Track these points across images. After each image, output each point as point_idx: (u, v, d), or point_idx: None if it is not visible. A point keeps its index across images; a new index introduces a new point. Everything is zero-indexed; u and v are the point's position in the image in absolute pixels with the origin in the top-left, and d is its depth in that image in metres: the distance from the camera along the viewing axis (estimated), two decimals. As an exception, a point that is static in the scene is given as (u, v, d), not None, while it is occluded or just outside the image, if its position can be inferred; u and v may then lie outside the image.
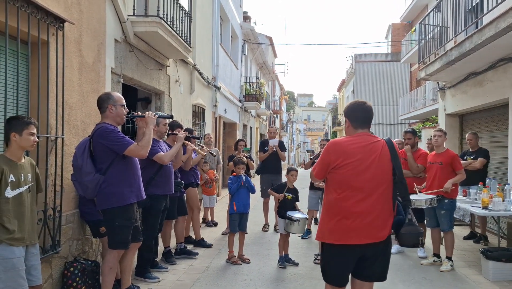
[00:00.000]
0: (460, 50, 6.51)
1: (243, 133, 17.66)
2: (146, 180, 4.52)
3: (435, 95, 15.20)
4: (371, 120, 2.96)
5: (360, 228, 2.70)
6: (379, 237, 2.73)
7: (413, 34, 18.08)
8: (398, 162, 2.80)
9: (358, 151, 2.77)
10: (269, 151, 7.60)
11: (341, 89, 38.53)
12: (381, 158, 2.77)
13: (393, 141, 2.90)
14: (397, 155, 2.82)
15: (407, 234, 2.76)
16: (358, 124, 2.91)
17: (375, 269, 2.81)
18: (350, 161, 2.75)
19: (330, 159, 2.82)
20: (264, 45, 20.98)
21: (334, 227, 2.77)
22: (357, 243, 2.71)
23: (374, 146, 2.80)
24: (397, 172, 2.79)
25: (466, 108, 8.30)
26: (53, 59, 3.73)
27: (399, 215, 2.82)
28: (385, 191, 2.77)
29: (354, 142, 2.82)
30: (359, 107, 2.93)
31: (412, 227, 2.77)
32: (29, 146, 2.95)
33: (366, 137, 2.85)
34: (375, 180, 2.74)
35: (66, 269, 3.89)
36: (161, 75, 6.80)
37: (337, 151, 2.81)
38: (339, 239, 2.75)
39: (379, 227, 2.73)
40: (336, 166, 2.79)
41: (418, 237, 2.76)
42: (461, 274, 5.13)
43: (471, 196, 6.23)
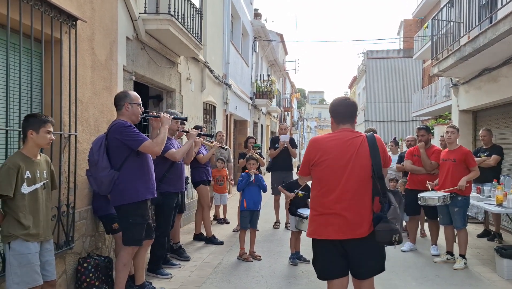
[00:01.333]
0: (474, 46, 6.42)
1: (254, 130, 17.66)
2: (158, 177, 4.54)
3: (448, 92, 15.02)
4: (354, 115, 2.96)
5: (337, 224, 2.73)
6: (358, 234, 2.72)
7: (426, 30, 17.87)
8: (377, 158, 2.76)
9: (336, 147, 2.79)
10: (280, 147, 7.58)
11: (352, 86, 38.32)
12: (359, 153, 2.76)
13: (375, 136, 2.86)
14: (377, 151, 2.78)
15: (380, 231, 2.69)
16: (339, 120, 2.93)
17: (365, 265, 2.79)
18: (328, 157, 2.78)
19: (309, 156, 2.88)
20: (275, 42, 20.93)
21: (316, 223, 2.83)
22: (335, 238, 2.74)
23: (353, 142, 2.79)
24: (374, 169, 2.75)
25: (480, 104, 8.18)
26: (66, 57, 3.77)
27: (381, 212, 2.75)
28: (362, 187, 2.76)
29: (333, 138, 2.85)
30: (340, 103, 2.97)
31: (387, 224, 2.68)
32: (45, 143, 2.99)
33: (347, 133, 2.85)
34: (352, 176, 2.74)
35: (79, 265, 3.93)
36: (172, 72, 6.83)
37: (316, 148, 2.86)
38: (320, 234, 2.80)
39: (357, 223, 2.72)
40: (315, 162, 2.84)
41: (392, 235, 2.67)
42: (475, 272, 5.08)
43: (485, 194, 6.14)
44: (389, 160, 2.98)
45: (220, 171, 7.61)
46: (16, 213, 2.82)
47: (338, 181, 2.75)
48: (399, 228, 2.69)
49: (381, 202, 2.76)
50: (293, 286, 4.55)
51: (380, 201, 2.77)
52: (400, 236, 2.69)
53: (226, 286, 4.47)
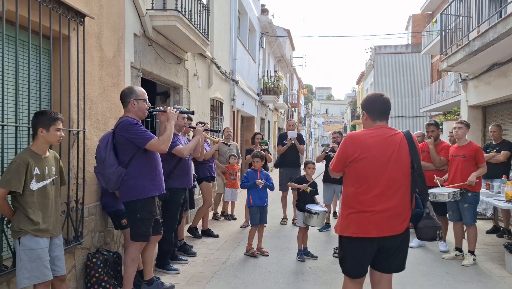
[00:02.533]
0: (483, 40, 6.34)
1: (261, 127, 17.64)
2: (166, 173, 4.55)
3: (457, 87, 14.88)
4: (389, 112, 2.92)
5: (378, 221, 2.70)
6: (397, 230, 2.72)
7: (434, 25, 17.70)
8: (416, 155, 2.77)
9: (376, 144, 2.75)
10: (288, 143, 7.57)
11: (360, 82, 38.11)
12: (399, 151, 2.74)
13: (412, 134, 2.86)
14: (415, 148, 2.79)
15: (425, 227, 2.74)
16: (376, 117, 2.88)
17: (393, 261, 2.81)
18: (368, 154, 2.74)
19: (347, 152, 2.81)
20: (282, 38, 20.86)
21: (352, 220, 2.78)
22: (375, 236, 2.71)
23: (393, 139, 2.77)
24: (415, 166, 2.75)
25: (490, 99, 8.09)
26: (74, 54, 3.78)
27: (417, 209, 2.79)
28: (403, 184, 2.75)
29: (372, 135, 2.79)
30: (376, 99, 2.91)
31: (430, 220, 2.73)
32: (55, 141, 3.01)
33: (385, 130, 2.82)
34: (393, 174, 2.72)
35: (89, 260, 3.96)
36: (179, 69, 6.83)
37: (355, 145, 2.79)
38: (357, 232, 2.75)
39: (398, 220, 2.72)
40: (354, 159, 2.77)
41: (436, 231, 2.73)
42: (484, 268, 5.04)
43: (494, 189, 6.09)
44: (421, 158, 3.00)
45: (233, 166, 7.64)
46: (25, 209, 2.84)
47: (379, 178, 2.72)
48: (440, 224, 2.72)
49: (423, 199, 2.78)
50: (301, 282, 4.55)
51: (421, 197, 2.79)
52: (442, 232, 2.72)
53: (233, 282, 4.48)
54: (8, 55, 3.19)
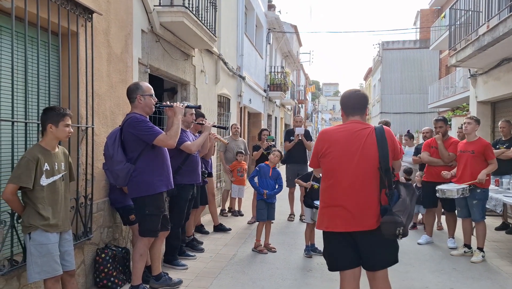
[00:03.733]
0: (493, 35, 6.27)
1: (268, 123, 17.62)
2: (174, 169, 4.55)
3: (466, 83, 14.74)
4: (364, 107, 2.94)
5: (345, 216, 2.72)
6: (366, 226, 2.70)
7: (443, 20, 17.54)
8: (384, 150, 2.72)
9: (343, 139, 2.78)
10: (295, 140, 7.55)
11: (367, 78, 37.91)
12: (366, 146, 2.73)
13: (385, 128, 2.81)
14: (385, 143, 2.73)
15: (384, 223, 2.66)
16: (349, 112, 2.93)
17: (377, 257, 2.78)
18: (334, 149, 2.78)
19: (318, 147, 2.90)
20: (289, 34, 20.78)
21: (325, 215, 2.84)
22: (342, 230, 2.74)
23: (360, 133, 2.77)
24: (380, 161, 2.71)
25: (499, 95, 8.02)
26: (82, 50, 3.80)
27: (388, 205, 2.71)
28: (369, 179, 2.73)
29: (341, 129, 2.84)
30: (350, 95, 2.96)
31: (391, 217, 2.64)
32: (64, 136, 3.03)
33: (355, 124, 2.84)
34: (359, 168, 2.72)
35: (97, 255, 4.00)
36: (186, 65, 6.84)
37: (324, 139, 2.87)
38: (328, 227, 2.81)
39: (364, 215, 2.70)
40: (322, 154, 2.84)
41: (396, 227, 2.62)
42: (493, 265, 5.00)
43: (503, 186, 6.03)
44: (400, 152, 2.94)
45: (240, 163, 7.65)
46: (35, 204, 2.87)
47: (345, 173, 2.74)
48: (403, 221, 2.63)
49: (387, 195, 2.72)
50: (308, 278, 4.55)
51: (386, 193, 2.73)
52: (405, 229, 2.63)
53: (241, 278, 4.50)
54: (18, 51, 3.21)
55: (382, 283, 2.82)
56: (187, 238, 5.44)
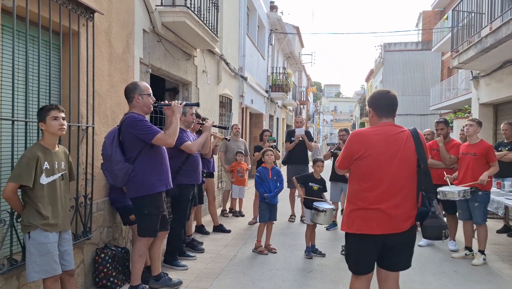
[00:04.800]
0: (496, 37, 6.25)
1: (270, 123, 17.62)
2: (174, 169, 4.56)
3: (468, 85, 14.70)
4: (396, 109, 2.90)
5: (382, 219, 2.70)
6: (401, 228, 2.71)
7: (445, 22, 17.50)
8: (423, 153, 2.74)
9: (382, 142, 2.74)
10: (296, 141, 7.55)
11: (369, 79, 37.87)
12: (405, 148, 2.72)
13: (418, 131, 2.83)
14: (422, 146, 2.76)
15: (430, 226, 2.70)
16: (382, 114, 2.87)
17: (398, 258, 2.81)
18: (374, 151, 2.73)
19: (353, 149, 2.81)
20: (291, 35, 20.77)
21: (357, 217, 2.78)
22: (379, 233, 2.71)
23: (399, 136, 2.75)
24: (421, 164, 2.73)
25: (502, 97, 7.99)
26: (83, 50, 3.79)
27: (423, 207, 2.76)
28: (409, 182, 2.73)
29: (378, 132, 2.78)
30: (382, 96, 2.89)
31: (436, 219, 2.70)
32: (56, 130, 2.97)
33: (391, 127, 2.81)
34: (399, 171, 2.71)
35: (97, 255, 3.99)
36: (188, 65, 6.83)
37: (360, 142, 2.79)
38: (361, 229, 2.76)
39: (402, 218, 2.71)
40: (359, 156, 2.77)
41: (442, 230, 2.70)
42: (494, 268, 4.98)
43: (505, 188, 6.00)
44: (428, 156, 2.95)
45: (240, 163, 7.63)
46: (35, 203, 2.86)
47: (384, 176, 2.71)
48: None
49: (429, 197, 2.75)
50: (309, 279, 4.53)
51: (427, 196, 2.75)
52: (448, 231, 2.69)
53: (241, 278, 4.48)
54: (19, 50, 3.21)
55: (393, 284, 2.85)
56: (187, 238, 5.42)
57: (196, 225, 6.42)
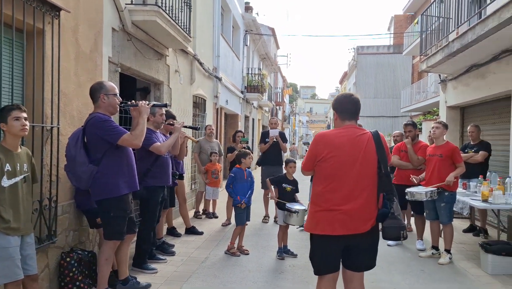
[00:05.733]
0: (462, 42, 6.43)
1: (245, 124, 17.61)
2: (143, 171, 4.49)
3: (437, 88, 15.08)
4: (359, 112, 2.97)
5: (344, 220, 2.74)
6: (362, 229, 2.76)
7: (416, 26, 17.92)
8: (383, 155, 2.80)
9: (345, 144, 2.79)
10: (270, 142, 7.57)
11: (343, 82, 38.39)
12: (366, 151, 2.78)
13: (380, 134, 2.89)
14: (383, 148, 2.82)
15: (389, 227, 2.77)
16: (345, 116, 2.93)
17: (362, 259, 2.86)
18: (337, 153, 2.78)
19: (317, 151, 2.86)
20: (267, 36, 20.83)
21: (320, 218, 2.82)
22: (341, 234, 2.75)
23: (361, 138, 2.81)
24: (382, 166, 2.78)
25: (468, 100, 8.22)
26: (49, 48, 3.68)
27: (384, 208, 2.82)
28: (370, 184, 2.79)
29: (341, 134, 2.84)
30: (346, 99, 2.96)
31: (395, 220, 2.77)
32: (18, 131, 2.88)
33: (353, 129, 2.86)
34: (360, 173, 2.76)
35: (62, 259, 3.87)
36: (160, 65, 6.74)
37: (324, 143, 2.84)
38: (325, 230, 2.80)
39: (364, 219, 2.76)
40: (323, 158, 2.82)
41: (400, 231, 2.76)
42: (460, 267, 5.12)
43: (471, 189, 6.19)
44: (390, 157, 3.00)
45: (214, 164, 7.59)
46: (-5, 206, 2.76)
47: (346, 177, 2.76)
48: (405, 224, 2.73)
49: (389, 199, 2.80)
50: (280, 280, 4.54)
51: (386, 197, 2.81)
52: (406, 231, 2.74)
53: (212, 281, 4.45)
54: (-22, 48, 3.09)
55: (358, 285, 2.89)
56: (158, 241, 5.34)
57: (167, 227, 6.34)
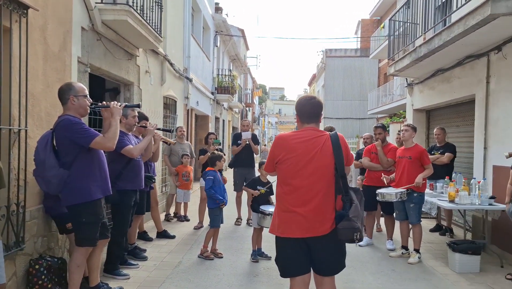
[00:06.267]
0: (429, 47, 6.63)
1: (216, 126, 17.51)
2: (115, 174, 4.37)
3: (402, 91, 15.53)
4: (319, 115, 2.98)
5: (300, 222, 2.76)
6: (320, 231, 2.76)
7: (382, 30, 18.38)
8: (340, 157, 2.79)
9: (300, 146, 2.81)
10: (242, 144, 7.56)
11: (312, 84, 38.86)
12: (322, 152, 2.78)
13: (339, 135, 2.89)
14: (340, 150, 2.81)
15: (343, 229, 2.74)
16: (305, 119, 2.95)
17: (327, 263, 2.85)
18: (291, 156, 2.80)
19: (274, 153, 2.90)
20: (236, 37, 20.81)
21: (280, 220, 2.85)
22: (298, 236, 2.77)
23: (317, 140, 2.82)
24: (337, 167, 2.79)
25: (433, 103, 8.50)
26: (16, 47, 3.53)
27: (343, 210, 2.80)
28: (325, 185, 2.79)
29: (298, 136, 2.86)
30: (306, 102, 2.97)
31: (349, 222, 2.73)
32: None
33: (311, 131, 2.88)
34: (315, 175, 2.77)
35: (31, 266, 3.71)
36: (130, 65, 6.60)
37: (280, 146, 2.88)
38: (283, 232, 2.82)
39: (320, 221, 2.76)
40: (279, 160, 2.85)
41: (354, 233, 2.72)
42: (429, 266, 5.27)
43: (437, 190, 6.40)
44: (351, 159, 3.02)
45: (186, 167, 7.50)
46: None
47: (301, 179, 2.77)
48: (360, 226, 2.72)
49: (344, 200, 2.79)
50: (255, 283, 4.53)
51: (342, 199, 2.80)
52: (361, 234, 2.73)
53: (186, 286, 4.39)
54: None
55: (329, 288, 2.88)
56: (130, 246, 5.22)
57: (138, 232, 6.21)
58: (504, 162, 5.67)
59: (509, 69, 5.67)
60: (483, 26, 5.11)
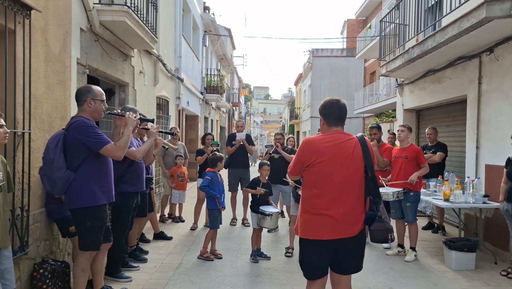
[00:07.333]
0: (422, 48, 6.75)
1: (204, 125, 17.46)
2: (117, 176, 4.33)
3: (388, 90, 15.76)
4: (345, 117, 3.01)
5: (332, 224, 2.78)
6: (350, 233, 2.82)
7: (368, 31, 18.58)
8: (370, 160, 2.87)
9: (331, 149, 2.83)
10: (236, 145, 7.58)
11: (298, 83, 39.01)
12: (353, 156, 2.83)
13: (366, 139, 2.96)
14: (369, 153, 2.89)
15: (376, 230, 2.85)
16: (332, 122, 2.97)
17: (350, 262, 2.90)
18: (323, 159, 2.81)
19: (304, 157, 2.89)
20: (224, 37, 20.78)
21: (309, 223, 2.86)
22: (329, 238, 2.80)
23: (347, 144, 2.86)
24: (368, 170, 2.86)
25: (424, 104, 8.64)
26: (19, 49, 3.48)
27: (371, 211, 2.89)
28: (357, 188, 2.85)
29: (327, 140, 2.88)
30: (333, 105, 2.99)
31: (382, 223, 2.84)
32: (1, 139, 2.73)
33: (340, 135, 2.92)
34: (347, 178, 2.81)
35: (35, 271, 3.68)
36: (125, 66, 6.55)
37: (311, 150, 2.87)
38: (313, 235, 2.83)
39: (351, 223, 2.82)
40: (310, 164, 2.85)
41: (388, 233, 2.85)
42: (425, 263, 5.38)
43: (430, 189, 6.52)
44: (375, 161, 3.09)
45: (180, 167, 7.47)
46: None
47: (334, 182, 2.79)
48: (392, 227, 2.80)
49: (375, 202, 2.87)
50: (258, 284, 4.56)
51: (374, 201, 2.87)
52: (393, 234, 2.83)
53: (190, 287, 4.38)
54: None
55: (346, 288, 2.95)
56: (130, 248, 5.19)
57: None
58: (496, 161, 5.82)
59: (501, 70, 5.81)
60: (477, 28, 5.23)
